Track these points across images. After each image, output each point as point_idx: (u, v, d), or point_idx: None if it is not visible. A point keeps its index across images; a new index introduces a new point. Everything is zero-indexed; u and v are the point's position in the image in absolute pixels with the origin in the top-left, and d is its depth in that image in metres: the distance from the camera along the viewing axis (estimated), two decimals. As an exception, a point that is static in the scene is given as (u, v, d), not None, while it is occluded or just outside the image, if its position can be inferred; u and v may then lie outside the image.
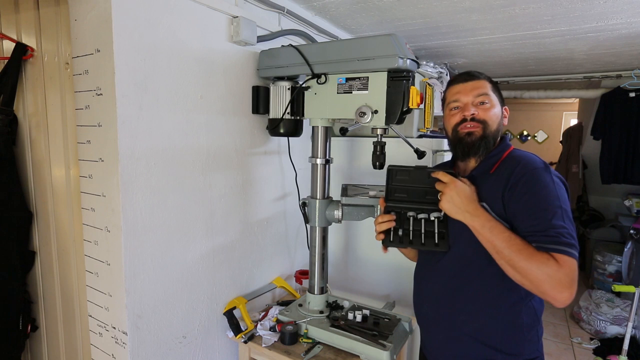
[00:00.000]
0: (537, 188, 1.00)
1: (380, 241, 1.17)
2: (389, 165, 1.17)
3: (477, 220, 1.01)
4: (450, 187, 1.05)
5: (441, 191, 1.07)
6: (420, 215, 1.15)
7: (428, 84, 2.09)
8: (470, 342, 1.11)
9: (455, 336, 1.14)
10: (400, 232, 1.15)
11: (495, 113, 1.13)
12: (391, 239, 1.15)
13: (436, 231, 1.13)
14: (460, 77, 1.18)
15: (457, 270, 1.12)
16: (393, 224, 1.16)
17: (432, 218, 1.14)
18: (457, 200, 1.04)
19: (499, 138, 1.16)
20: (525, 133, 6.62)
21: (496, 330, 1.08)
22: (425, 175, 1.14)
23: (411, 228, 1.15)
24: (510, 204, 1.02)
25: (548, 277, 0.91)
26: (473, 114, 1.12)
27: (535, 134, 6.57)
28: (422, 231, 1.14)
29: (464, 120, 1.13)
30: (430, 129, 2.09)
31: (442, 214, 1.13)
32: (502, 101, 1.18)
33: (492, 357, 1.09)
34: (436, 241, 1.12)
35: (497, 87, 1.18)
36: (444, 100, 1.24)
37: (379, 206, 1.44)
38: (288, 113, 1.54)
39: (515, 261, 0.95)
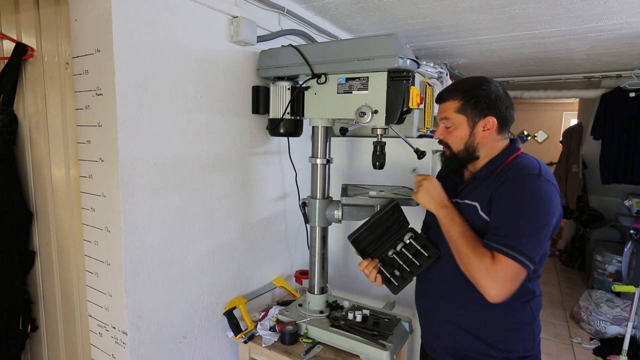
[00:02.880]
0: (518, 193, 1.03)
1: (388, 288, 1.22)
2: (349, 237, 1.21)
3: (443, 210, 1.12)
4: (426, 180, 1.17)
5: (417, 185, 1.19)
6: (399, 247, 1.23)
7: (428, 84, 2.09)
8: (465, 336, 1.14)
9: (452, 330, 1.17)
10: (397, 273, 1.21)
11: (457, 135, 1.16)
12: (397, 284, 1.20)
13: (418, 246, 1.20)
14: (438, 95, 1.23)
15: (455, 267, 1.14)
16: (376, 262, 1.23)
17: (407, 241, 1.22)
18: (432, 191, 1.16)
19: (474, 153, 1.16)
20: (525, 133, 6.62)
21: (491, 326, 1.11)
22: (381, 218, 1.22)
23: (401, 261, 1.21)
24: (493, 202, 1.06)
25: (482, 270, 1.00)
26: (440, 138, 1.21)
27: (535, 134, 6.57)
28: (410, 256, 1.21)
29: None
30: (430, 129, 2.09)
31: (410, 234, 1.23)
32: (483, 114, 1.12)
33: (487, 352, 1.11)
34: (426, 254, 1.19)
35: (473, 102, 1.12)
36: None
37: (378, 206, 1.45)
38: (288, 113, 1.54)
39: (460, 251, 1.05)
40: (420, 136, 1.97)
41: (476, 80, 1.16)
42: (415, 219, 1.50)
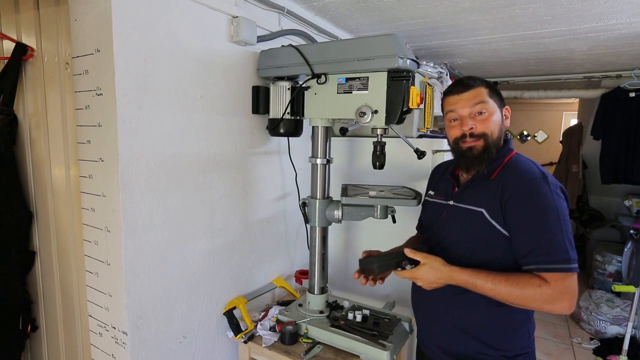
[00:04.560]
0: (535, 201, 1.02)
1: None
2: (360, 261, 1.22)
3: (456, 279, 1.06)
4: (418, 272, 1.09)
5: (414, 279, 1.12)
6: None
7: (428, 84, 2.09)
8: (463, 336, 1.15)
9: (449, 331, 1.18)
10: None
11: (494, 121, 1.12)
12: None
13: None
14: (456, 87, 1.16)
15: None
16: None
17: (407, 267, 1.15)
18: (432, 275, 1.08)
19: (502, 142, 1.15)
20: (525, 133, 6.62)
21: (487, 326, 1.12)
22: (390, 259, 1.18)
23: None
24: (509, 216, 1.05)
25: (545, 300, 0.98)
26: (471, 129, 1.11)
27: (535, 134, 6.57)
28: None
29: (464, 135, 1.13)
30: (430, 129, 2.09)
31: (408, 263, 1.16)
32: (502, 102, 1.16)
33: (484, 351, 1.12)
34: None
35: (495, 89, 1.15)
36: (442, 107, 1.24)
37: (378, 206, 1.45)
38: (288, 113, 1.54)
39: (511, 299, 1.01)
40: (420, 136, 1.97)
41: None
42: (413, 219, 1.50)
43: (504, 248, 1.07)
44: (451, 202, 1.19)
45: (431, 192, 1.33)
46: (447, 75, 2.64)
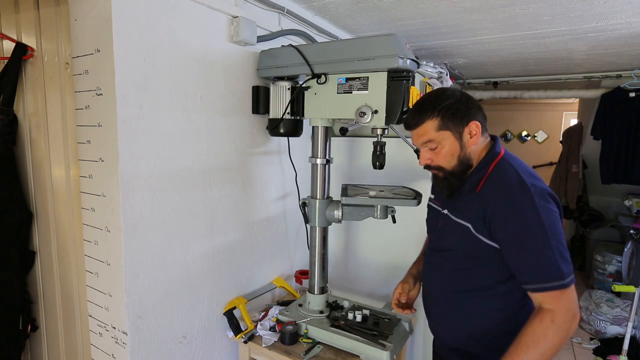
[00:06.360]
0: (517, 217, 0.99)
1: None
2: None
3: None
4: None
5: None
6: None
7: (428, 84, 2.09)
8: (468, 340, 1.16)
9: (455, 334, 1.19)
10: None
11: (448, 152, 1.09)
12: None
13: None
14: (407, 120, 1.14)
15: (454, 274, 1.16)
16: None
17: None
18: None
19: (470, 160, 1.11)
20: (525, 133, 6.62)
21: (492, 330, 1.12)
22: None
23: None
24: (496, 236, 1.03)
25: (555, 327, 0.96)
26: (427, 163, 1.14)
27: (535, 134, 6.56)
28: None
29: (426, 165, 1.16)
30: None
31: None
32: (465, 120, 1.08)
33: (484, 353, 1.13)
34: None
35: (450, 112, 1.07)
36: None
37: (378, 206, 1.45)
38: (288, 113, 1.54)
39: (548, 353, 0.98)
40: (420, 136, 1.97)
41: (439, 93, 1.12)
42: (414, 219, 1.50)
43: (495, 260, 1.05)
44: (445, 212, 1.18)
45: (431, 196, 1.33)
46: (447, 75, 2.64)
